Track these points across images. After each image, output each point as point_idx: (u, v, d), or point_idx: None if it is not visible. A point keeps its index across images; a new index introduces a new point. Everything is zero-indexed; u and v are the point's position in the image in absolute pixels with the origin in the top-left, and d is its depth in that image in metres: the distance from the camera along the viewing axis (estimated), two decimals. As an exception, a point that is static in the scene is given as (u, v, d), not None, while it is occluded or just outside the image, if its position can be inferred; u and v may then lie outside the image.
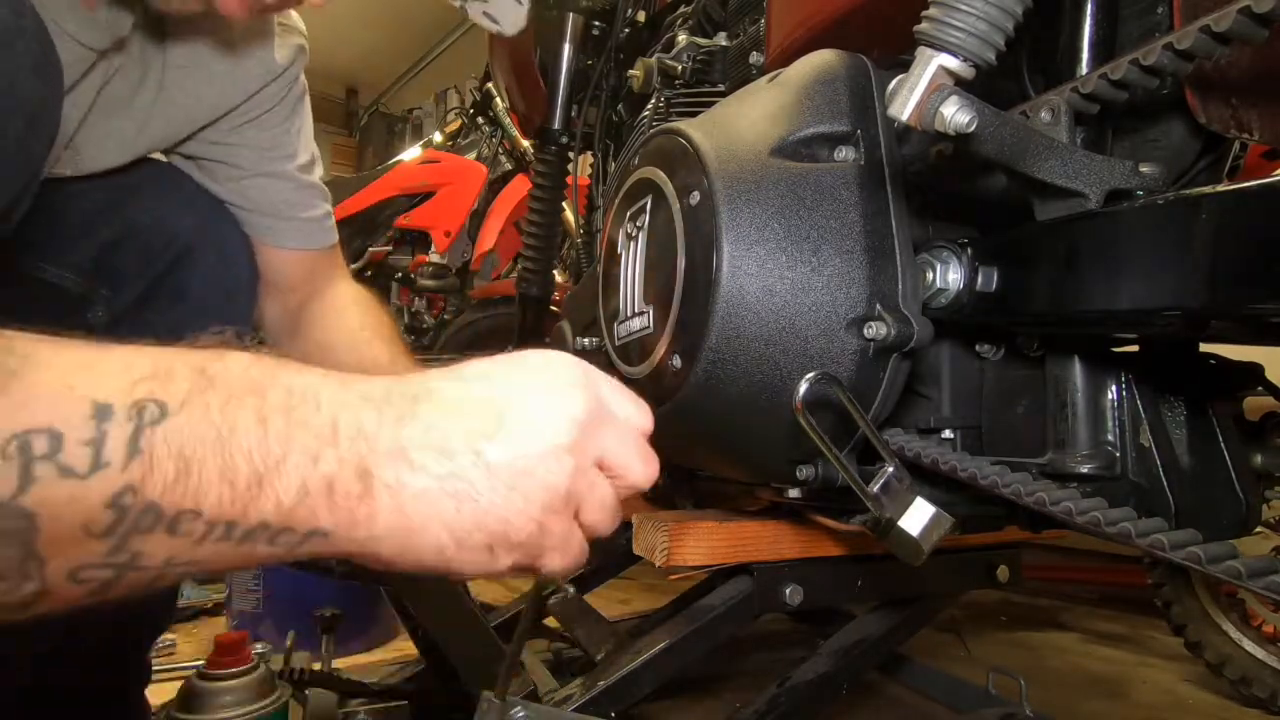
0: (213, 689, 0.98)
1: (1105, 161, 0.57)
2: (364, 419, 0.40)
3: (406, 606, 1.12)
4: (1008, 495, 0.60)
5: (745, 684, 1.46)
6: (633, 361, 0.78)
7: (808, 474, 0.70)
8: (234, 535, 0.37)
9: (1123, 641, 1.83)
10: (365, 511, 0.39)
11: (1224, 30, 0.44)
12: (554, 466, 0.43)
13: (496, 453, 0.42)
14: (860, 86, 0.68)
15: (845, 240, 0.64)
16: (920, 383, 0.74)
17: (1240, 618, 1.42)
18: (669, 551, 0.86)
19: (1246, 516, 0.66)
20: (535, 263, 1.67)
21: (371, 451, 0.40)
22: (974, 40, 0.48)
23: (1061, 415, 0.66)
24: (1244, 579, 0.44)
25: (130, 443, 0.35)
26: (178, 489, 0.35)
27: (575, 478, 0.44)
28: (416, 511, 0.40)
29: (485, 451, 0.41)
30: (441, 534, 0.41)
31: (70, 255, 0.84)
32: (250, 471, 0.37)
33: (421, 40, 6.77)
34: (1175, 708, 1.44)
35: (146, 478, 0.35)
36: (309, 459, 0.38)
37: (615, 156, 1.48)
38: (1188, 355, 0.71)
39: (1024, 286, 0.62)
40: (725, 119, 0.75)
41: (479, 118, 3.13)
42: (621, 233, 0.81)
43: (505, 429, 0.42)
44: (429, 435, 0.41)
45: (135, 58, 0.79)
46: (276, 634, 1.44)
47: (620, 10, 1.45)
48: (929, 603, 1.11)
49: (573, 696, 0.85)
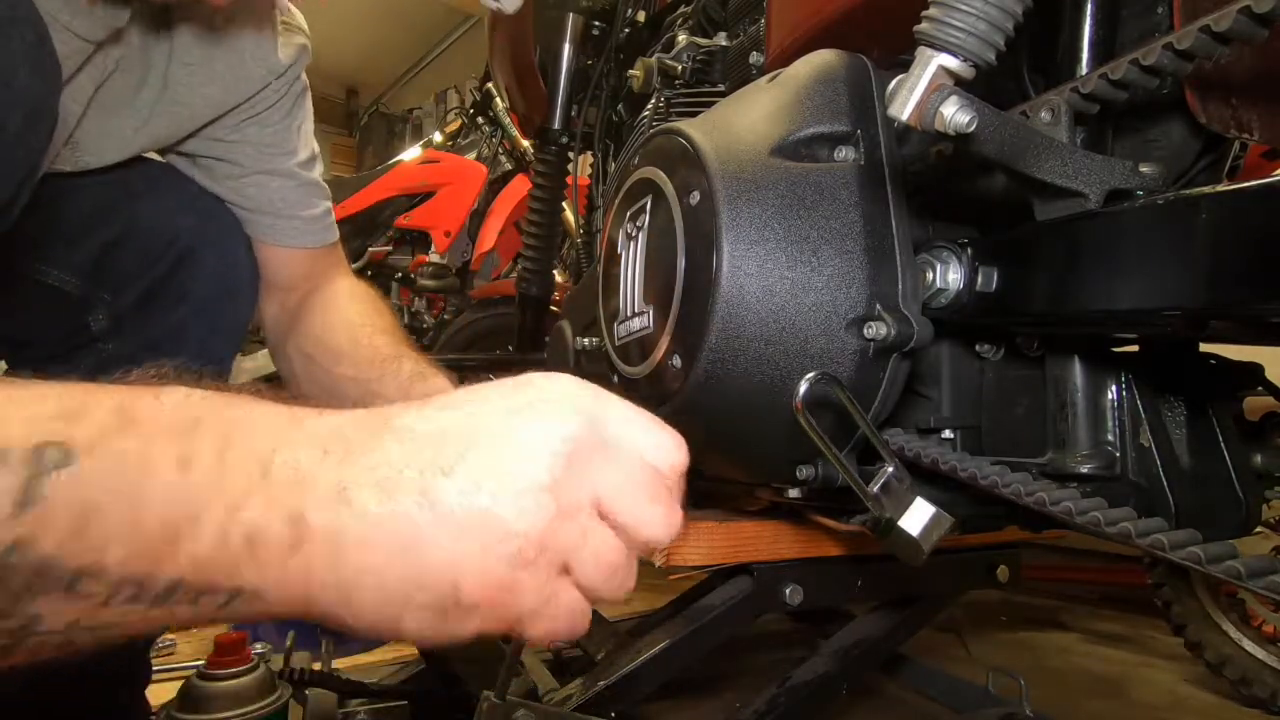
0: (213, 689, 0.98)
1: (1105, 161, 0.57)
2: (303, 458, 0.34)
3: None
4: (1008, 495, 0.60)
5: (745, 684, 1.45)
6: (632, 361, 0.78)
7: (808, 474, 0.70)
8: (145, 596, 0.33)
9: (1123, 641, 1.83)
10: (298, 564, 0.34)
11: (1224, 30, 0.44)
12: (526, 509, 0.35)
13: (449, 489, 0.34)
14: (860, 86, 0.68)
15: (845, 240, 0.64)
16: (920, 383, 0.74)
17: (1240, 618, 1.42)
18: (669, 551, 0.86)
19: (1246, 516, 0.66)
20: (535, 263, 1.67)
21: (306, 495, 0.34)
22: (974, 40, 0.48)
23: (1061, 415, 0.66)
24: (1244, 579, 0.44)
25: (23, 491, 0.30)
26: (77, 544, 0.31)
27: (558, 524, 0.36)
28: (354, 563, 0.34)
29: (434, 489, 0.34)
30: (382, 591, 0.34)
31: (71, 258, 0.84)
32: (162, 523, 0.32)
33: (421, 40, 6.77)
34: (1175, 708, 1.44)
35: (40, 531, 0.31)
36: (229, 507, 0.33)
37: (615, 156, 1.48)
38: (1188, 355, 0.71)
39: (1024, 286, 0.62)
40: (725, 119, 0.75)
41: (479, 118, 3.13)
42: (621, 233, 0.81)
43: (465, 462, 0.35)
44: (374, 472, 0.34)
45: (136, 52, 0.79)
46: (276, 634, 1.44)
47: (620, 10, 1.45)
48: (929, 603, 1.11)
49: (573, 696, 0.85)
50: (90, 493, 0.31)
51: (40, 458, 0.31)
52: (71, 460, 0.31)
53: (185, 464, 0.33)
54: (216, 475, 0.33)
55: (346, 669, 1.34)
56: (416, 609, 0.35)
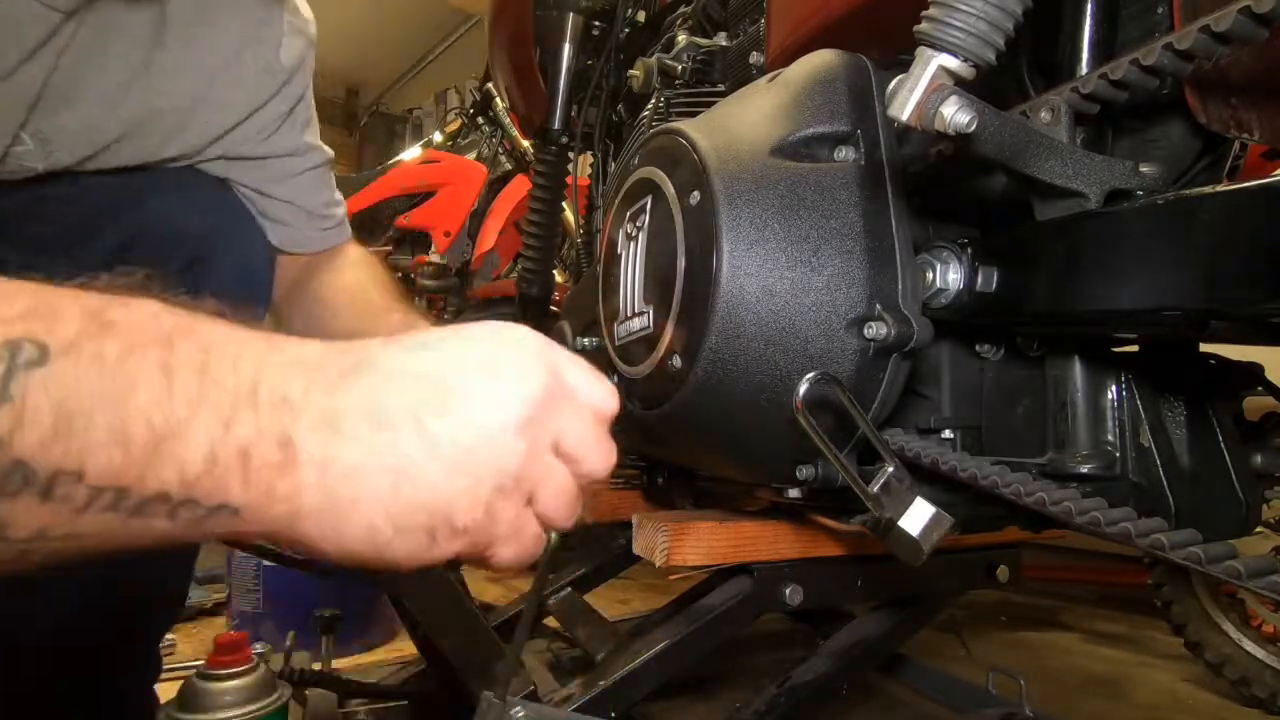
0: (213, 689, 0.98)
1: (1105, 161, 0.57)
2: (290, 383, 0.35)
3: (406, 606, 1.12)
4: (1008, 495, 0.60)
5: (745, 684, 1.45)
6: (633, 362, 0.78)
7: (808, 474, 0.70)
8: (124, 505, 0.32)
9: (1123, 641, 1.83)
10: (286, 486, 0.35)
11: (1224, 30, 0.44)
12: (505, 446, 0.39)
13: (442, 427, 0.37)
14: (860, 86, 0.68)
15: (845, 240, 0.64)
16: (920, 383, 0.74)
17: (1240, 618, 1.42)
18: (669, 551, 0.86)
19: (1246, 516, 0.66)
20: (535, 263, 1.67)
21: (296, 420, 0.35)
22: (974, 40, 0.48)
23: (1061, 415, 0.66)
24: (1244, 579, 0.45)
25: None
26: (56, 447, 0.30)
27: (528, 460, 0.40)
28: (346, 487, 0.36)
29: (429, 425, 0.37)
30: (375, 514, 0.36)
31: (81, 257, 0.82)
32: (148, 432, 0.32)
33: (421, 40, 6.77)
34: (1175, 708, 1.44)
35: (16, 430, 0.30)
36: (221, 422, 0.33)
37: (615, 156, 1.48)
38: (1188, 355, 0.71)
39: (1024, 286, 0.62)
40: (725, 119, 0.75)
41: (479, 118, 3.13)
42: (621, 233, 0.81)
43: (453, 402, 0.38)
44: (365, 404, 0.36)
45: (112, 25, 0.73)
46: (276, 634, 1.44)
47: (620, 10, 1.45)
48: (929, 603, 1.11)
49: (573, 696, 0.85)
50: (68, 394, 0.31)
51: (15, 355, 0.30)
52: (47, 359, 0.31)
53: (168, 374, 0.33)
54: (200, 389, 0.33)
55: (346, 669, 1.34)
56: (409, 533, 0.38)
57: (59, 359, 0.31)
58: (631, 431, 0.78)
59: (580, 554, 1.35)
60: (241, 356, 0.35)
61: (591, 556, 1.33)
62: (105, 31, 0.73)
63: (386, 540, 0.37)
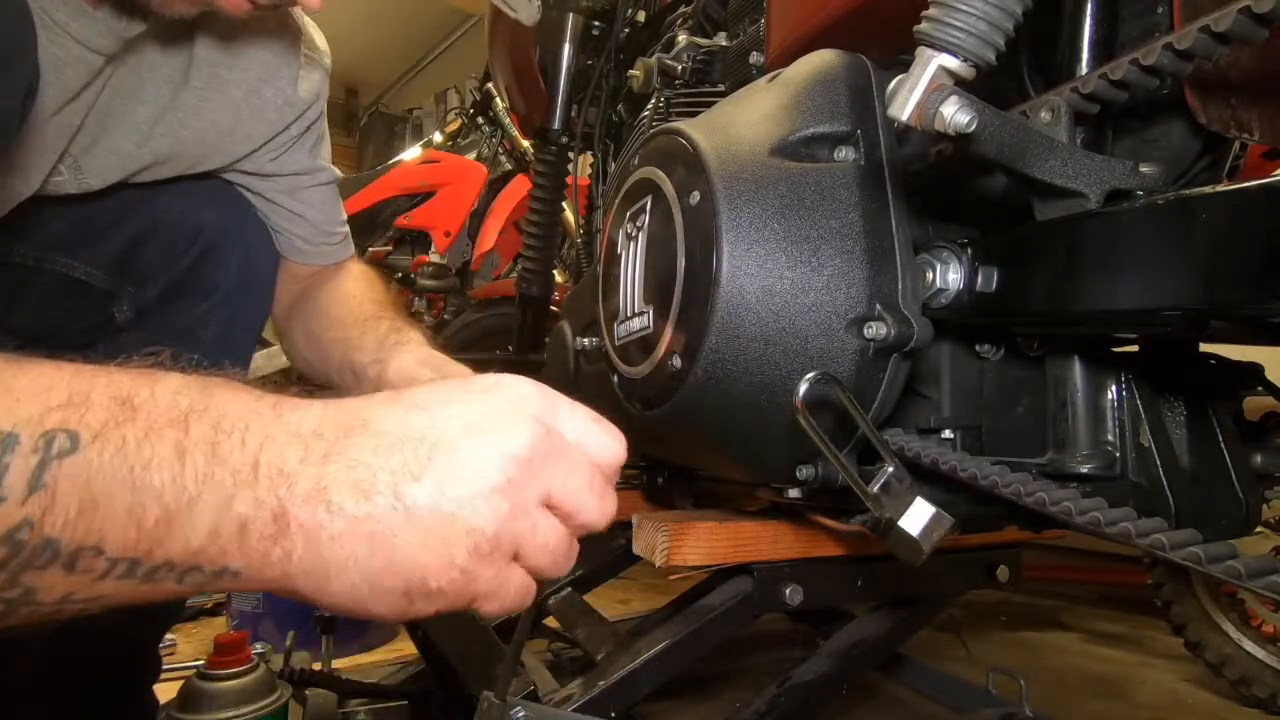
0: (213, 689, 0.98)
1: (1105, 161, 0.57)
2: (287, 456, 0.39)
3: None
4: (1008, 495, 0.60)
5: (745, 684, 1.45)
6: (632, 362, 0.78)
7: (808, 474, 0.70)
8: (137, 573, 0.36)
9: (1123, 641, 1.83)
10: (278, 552, 0.38)
11: (1224, 30, 0.44)
12: (482, 510, 0.40)
13: (418, 494, 0.39)
14: (860, 86, 0.68)
15: (845, 240, 0.64)
16: (920, 383, 0.74)
17: (1240, 618, 1.42)
18: (669, 551, 0.86)
19: (1246, 516, 0.66)
20: (535, 263, 1.67)
21: (291, 490, 0.38)
22: (974, 40, 0.48)
23: (1061, 415, 0.66)
24: (1244, 579, 0.44)
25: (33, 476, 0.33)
26: (79, 526, 0.34)
27: (510, 521, 0.41)
28: (331, 554, 0.39)
29: (406, 493, 0.39)
30: (354, 577, 0.39)
31: (97, 252, 0.86)
32: (160, 510, 0.35)
33: (421, 40, 6.77)
34: (1175, 708, 1.44)
35: (47, 513, 0.33)
36: (223, 500, 0.37)
37: (615, 156, 1.48)
38: (1188, 355, 0.71)
39: (1024, 286, 0.62)
40: (725, 119, 0.75)
41: (479, 118, 3.13)
42: (621, 233, 0.81)
43: (432, 468, 0.40)
44: (352, 473, 0.39)
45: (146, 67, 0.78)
46: (276, 634, 1.44)
47: (620, 10, 1.45)
48: (929, 603, 1.11)
49: (573, 696, 0.85)
50: (94, 479, 0.34)
51: (50, 444, 0.34)
52: (78, 447, 0.34)
53: (181, 456, 0.36)
54: (208, 468, 0.37)
55: (346, 669, 1.34)
56: (385, 594, 0.40)
57: (87, 447, 0.34)
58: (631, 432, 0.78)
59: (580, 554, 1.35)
60: (250, 429, 0.39)
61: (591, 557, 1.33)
62: (139, 73, 0.78)
63: (365, 599, 0.40)
